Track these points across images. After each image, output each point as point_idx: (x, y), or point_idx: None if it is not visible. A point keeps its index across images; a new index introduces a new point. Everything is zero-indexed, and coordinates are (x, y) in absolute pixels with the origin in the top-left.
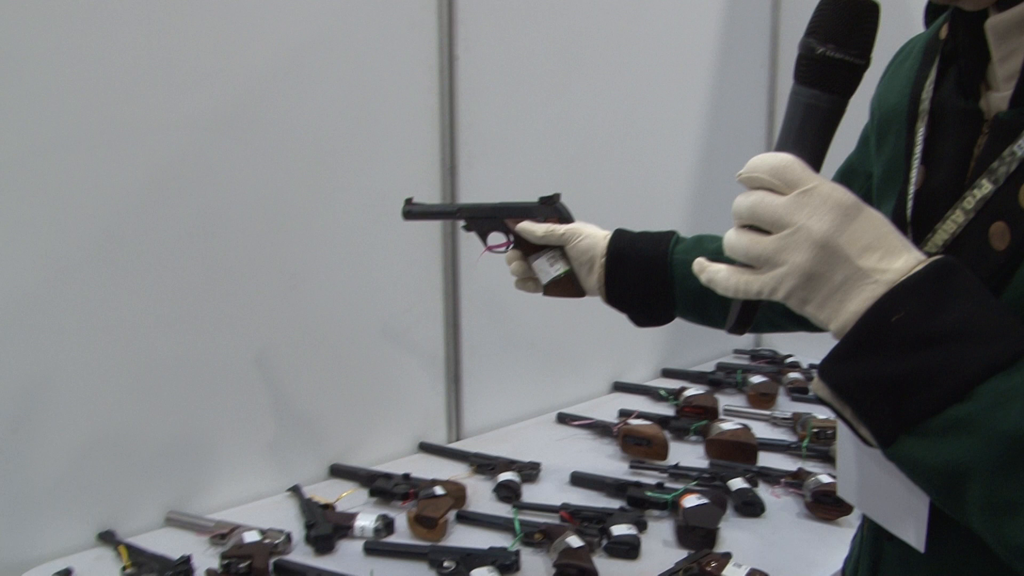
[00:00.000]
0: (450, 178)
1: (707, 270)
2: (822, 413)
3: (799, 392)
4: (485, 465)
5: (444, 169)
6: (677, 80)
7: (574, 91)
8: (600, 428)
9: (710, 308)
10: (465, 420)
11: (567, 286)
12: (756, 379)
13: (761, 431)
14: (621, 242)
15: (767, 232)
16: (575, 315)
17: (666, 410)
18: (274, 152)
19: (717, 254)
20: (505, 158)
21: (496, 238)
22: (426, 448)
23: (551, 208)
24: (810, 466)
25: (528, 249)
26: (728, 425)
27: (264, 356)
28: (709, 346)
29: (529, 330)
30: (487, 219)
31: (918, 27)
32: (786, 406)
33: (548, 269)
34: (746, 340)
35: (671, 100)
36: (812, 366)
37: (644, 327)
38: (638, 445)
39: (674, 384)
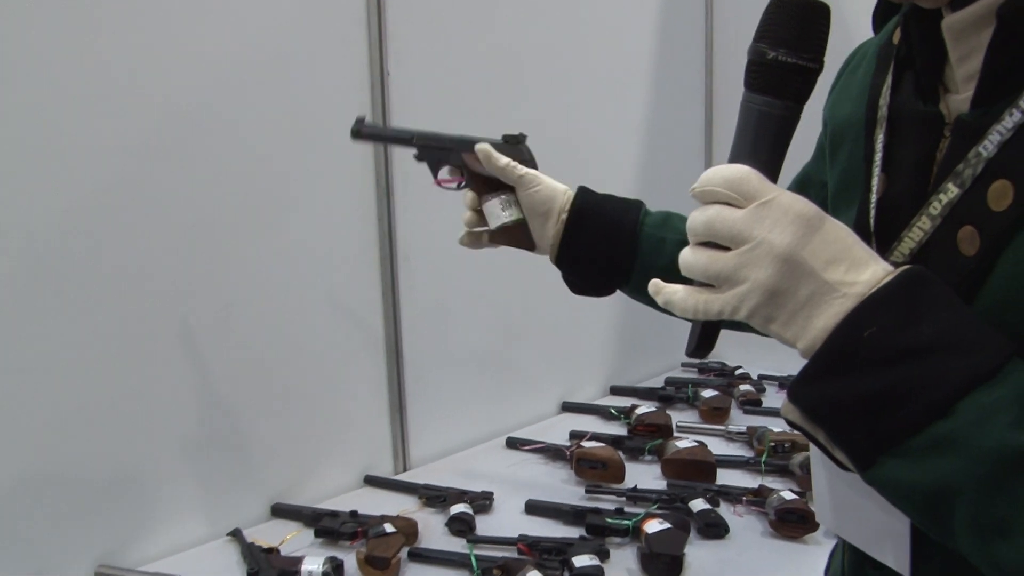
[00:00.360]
0: (386, 199)
1: (663, 291)
2: (777, 426)
3: (752, 404)
4: (435, 497)
5: (379, 189)
6: (614, 90)
7: (512, 105)
8: (552, 452)
9: None
10: (412, 449)
11: (517, 234)
12: (708, 393)
13: (717, 447)
14: (588, 200)
15: (726, 248)
16: (520, 333)
17: (618, 429)
18: (204, 175)
19: (683, 235)
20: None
21: (449, 174)
22: (372, 481)
23: (515, 148)
24: (770, 481)
25: (480, 189)
26: (684, 443)
27: (197, 389)
28: (656, 360)
29: (474, 351)
30: (442, 150)
31: (861, 33)
32: (740, 419)
33: (500, 213)
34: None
35: (608, 111)
36: (763, 377)
37: (581, 295)
38: (593, 468)
39: (624, 402)
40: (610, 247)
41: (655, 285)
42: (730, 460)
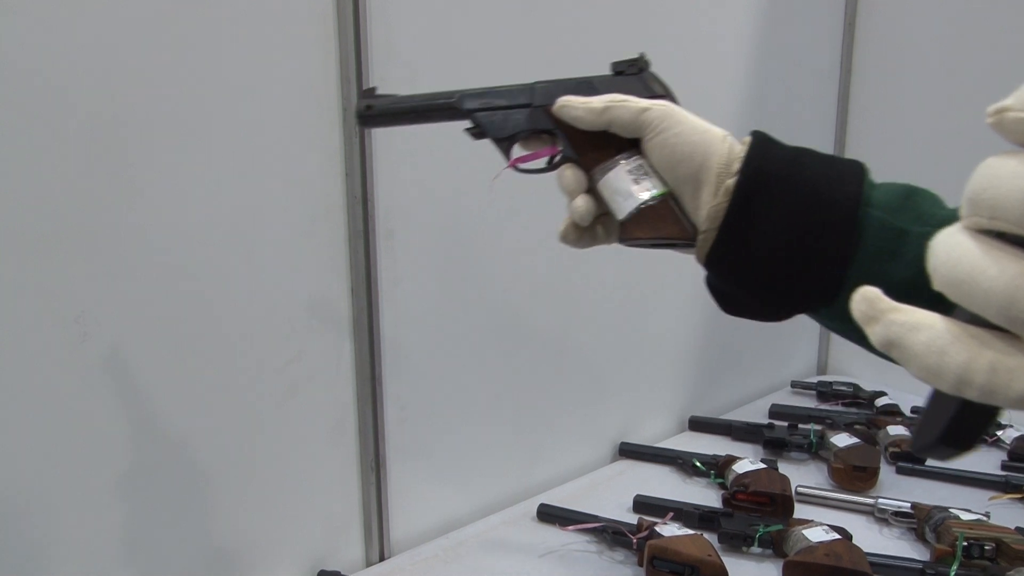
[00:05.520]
0: (359, 144)
1: (894, 319)
2: (960, 502)
3: (909, 461)
4: None
5: (347, 127)
6: (717, 57)
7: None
8: (610, 534)
9: None
10: (393, 528)
11: (669, 217)
12: (842, 440)
13: (865, 536)
14: (771, 156)
15: None
16: (556, 343)
17: (707, 492)
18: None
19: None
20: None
21: (525, 148)
22: None
23: (638, 82)
24: None
25: (588, 159)
26: (816, 534)
27: (50, 444)
28: (755, 378)
29: (487, 372)
30: (513, 111)
31: None
32: (891, 483)
33: (630, 189)
34: (808, 368)
35: (708, 82)
36: (918, 411)
37: (740, 316)
38: (676, 574)
39: (711, 444)
40: (810, 239)
41: (874, 302)
42: (894, 566)
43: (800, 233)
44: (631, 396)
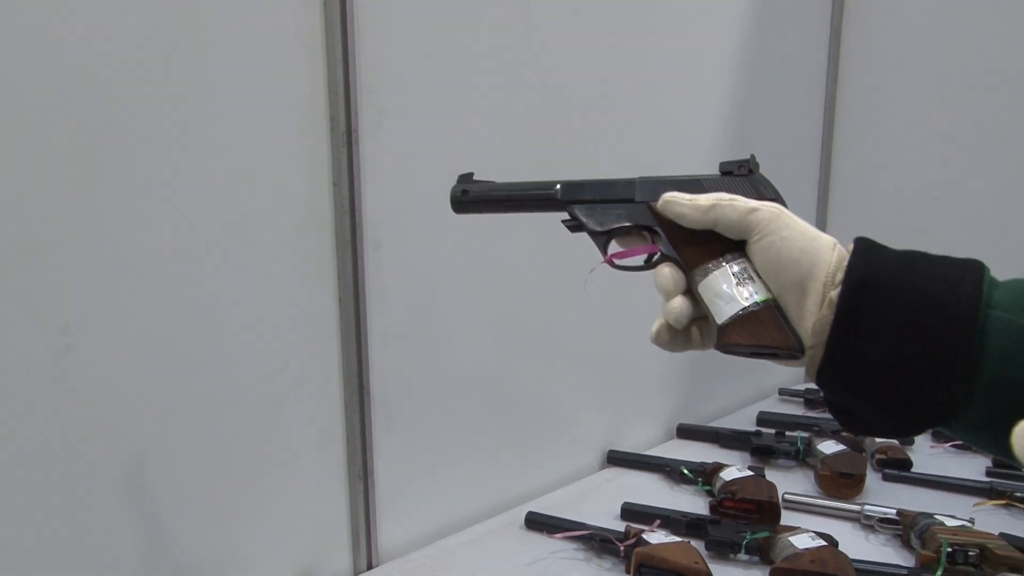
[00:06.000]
0: (346, 152)
1: None
2: (946, 508)
3: (895, 467)
4: None
5: (335, 136)
6: (702, 75)
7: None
8: (597, 542)
9: None
10: (381, 536)
11: (771, 324)
12: (829, 447)
13: (852, 542)
14: (877, 262)
15: None
16: (545, 354)
17: (694, 500)
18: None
19: None
20: (430, 120)
21: (623, 244)
22: None
23: (747, 184)
24: None
25: (691, 258)
26: (803, 540)
27: (33, 455)
28: (743, 385)
29: (475, 382)
30: (612, 206)
31: None
32: (878, 491)
33: (732, 293)
34: (795, 375)
35: (693, 100)
36: None
37: (867, 435)
38: None
39: (698, 451)
40: (926, 348)
41: None
42: (880, 572)
43: (914, 343)
44: (619, 404)
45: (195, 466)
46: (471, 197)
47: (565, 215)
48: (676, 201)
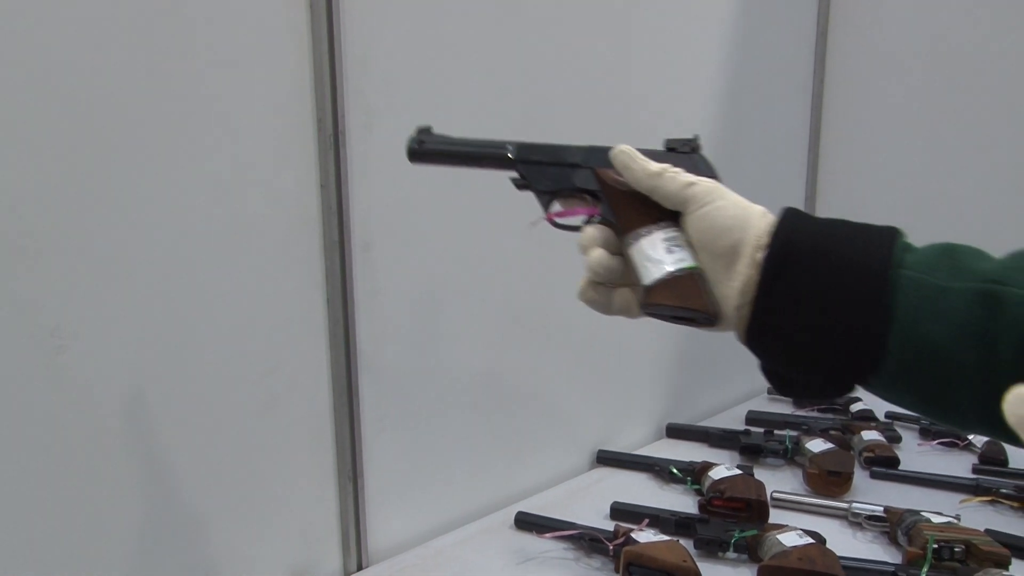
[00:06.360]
0: (334, 155)
1: None
2: (933, 505)
3: (883, 465)
4: None
5: (323, 138)
6: (690, 68)
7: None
8: (587, 542)
9: (956, 389)
10: (371, 537)
11: (695, 290)
12: (817, 446)
13: (839, 539)
14: (802, 228)
15: None
16: (534, 354)
17: (684, 499)
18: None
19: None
20: (417, 122)
21: (564, 204)
22: None
23: (688, 161)
24: None
25: (626, 221)
26: (791, 538)
27: (23, 457)
28: (733, 385)
29: (465, 383)
30: (559, 169)
31: None
32: (866, 488)
33: (660, 257)
34: None
35: (680, 97)
36: (893, 417)
37: (794, 396)
38: None
39: (688, 451)
40: (843, 307)
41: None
42: (867, 569)
43: (832, 301)
44: (609, 404)
45: (185, 468)
46: (427, 148)
47: (515, 174)
48: (630, 155)
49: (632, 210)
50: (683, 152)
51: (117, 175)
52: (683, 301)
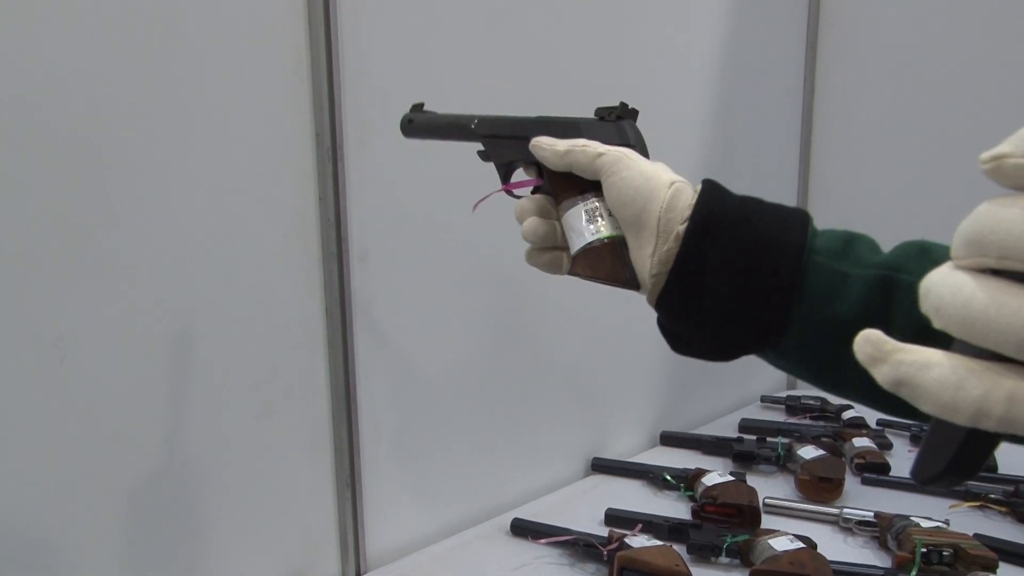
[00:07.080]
0: (331, 166)
1: (901, 359)
2: (922, 510)
3: (873, 471)
4: None
5: (321, 150)
6: (682, 72)
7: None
8: (581, 547)
9: (845, 364)
10: (369, 543)
11: (608, 260)
12: (808, 453)
13: (830, 545)
14: (720, 203)
15: None
16: (529, 362)
17: (677, 505)
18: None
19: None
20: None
21: (523, 175)
22: None
23: (613, 128)
24: None
25: (561, 191)
26: (782, 543)
27: (25, 466)
28: (726, 393)
29: (461, 392)
30: (515, 141)
31: None
32: (857, 495)
33: (582, 227)
34: (778, 382)
35: (673, 98)
36: (884, 424)
37: (689, 355)
38: None
39: (681, 458)
40: (757, 284)
41: (879, 344)
42: (857, 573)
43: (748, 278)
44: (604, 412)
45: (185, 475)
46: (415, 125)
47: (480, 146)
48: (539, 145)
49: (562, 182)
50: (609, 120)
51: (117, 187)
52: (594, 272)
